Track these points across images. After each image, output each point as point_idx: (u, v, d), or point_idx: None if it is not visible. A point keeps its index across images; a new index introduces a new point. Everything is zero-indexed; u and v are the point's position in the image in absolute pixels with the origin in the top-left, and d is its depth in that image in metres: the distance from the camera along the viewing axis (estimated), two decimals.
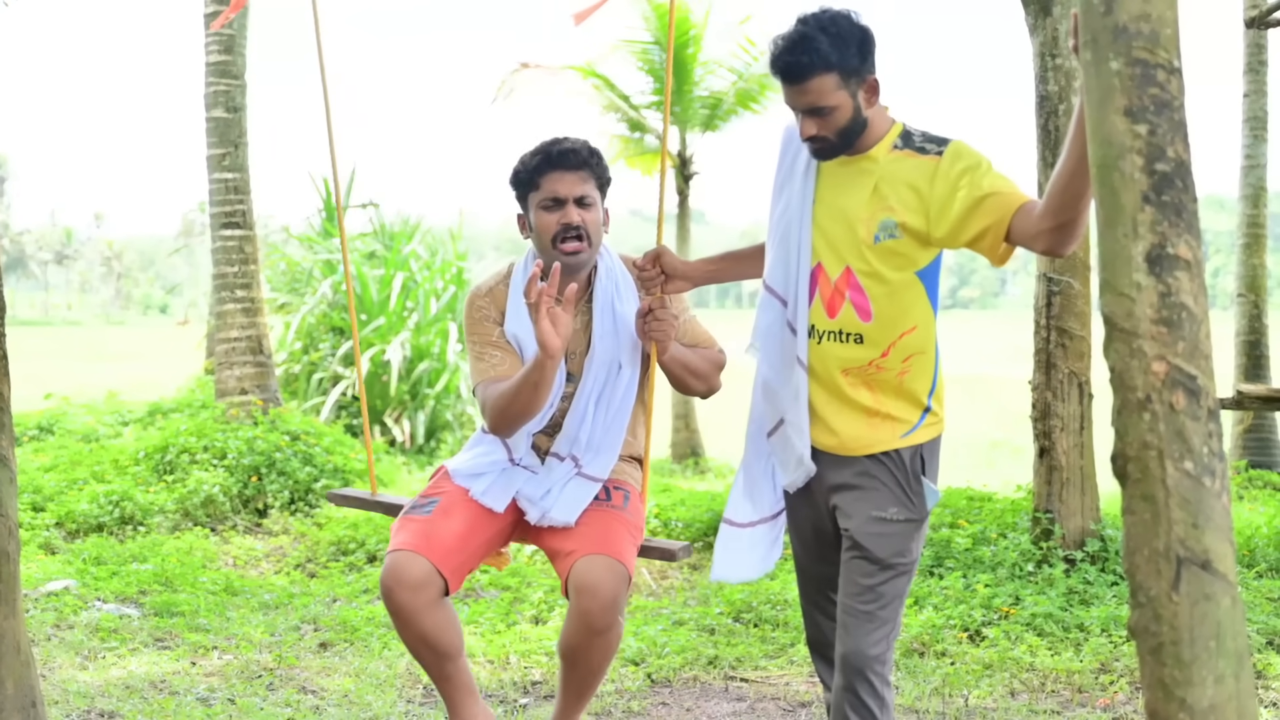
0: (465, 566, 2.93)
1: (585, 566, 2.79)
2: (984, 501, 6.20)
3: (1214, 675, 2.17)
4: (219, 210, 7.76)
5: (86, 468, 7.22)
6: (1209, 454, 2.20)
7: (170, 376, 14.75)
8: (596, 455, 3.03)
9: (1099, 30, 2.22)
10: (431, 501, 2.98)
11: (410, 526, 2.92)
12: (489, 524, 2.99)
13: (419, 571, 2.82)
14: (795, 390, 2.61)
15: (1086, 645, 4.22)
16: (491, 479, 3.02)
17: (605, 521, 2.92)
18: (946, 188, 2.48)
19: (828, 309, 2.56)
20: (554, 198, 2.93)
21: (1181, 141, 2.22)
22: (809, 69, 2.46)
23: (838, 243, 2.55)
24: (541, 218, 2.94)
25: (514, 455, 3.06)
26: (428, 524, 2.91)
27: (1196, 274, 2.22)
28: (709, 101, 11.74)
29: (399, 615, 2.85)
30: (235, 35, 7.74)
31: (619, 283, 3.04)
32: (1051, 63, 5.22)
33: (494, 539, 3.01)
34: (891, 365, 2.55)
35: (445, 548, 2.87)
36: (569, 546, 2.88)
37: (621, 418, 3.04)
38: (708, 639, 4.57)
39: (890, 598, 2.56)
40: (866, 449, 2.58)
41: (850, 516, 2.58)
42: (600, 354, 2.99)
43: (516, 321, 3.00)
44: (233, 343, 7.69)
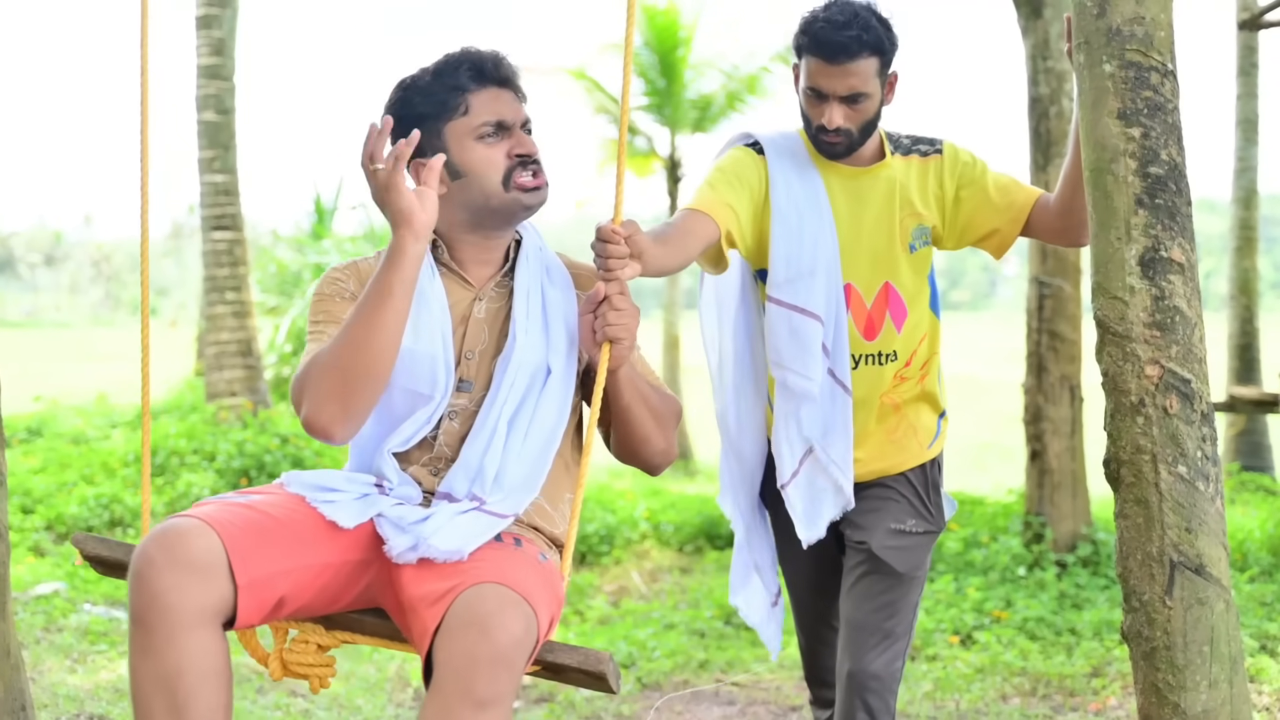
0: (271, 593, 1.80)
1: (474, 596, 1.73)
2: (975, 505, 6.20)
3: (1208, 680, 2.17)
4: (209, 213, 7.74)
5: (76, 470, 7.19)
6: (1203, 458, 2.20)
7: (160, 378, 14.69)
8: (509, 495, 1.99)
9: (1092, 33, 2.22)
10: (249, 495, 1.93)
11: (204, 507, 1.85)
12: (322, 546, 1.88)
13: (201, 551, 1.72)
14: (841, 419, 2.44)
15: (1078, 649, 4.22)
16: (347, 497, 1.95)
17: (507, 558, 1.87)
18: (954, 188, 2.47)
19: (865, 331, 2.44)
20: (498, 122, 2.04)
21: (1175, 144, 2.22)
22: (861, 48, 2.28)
23: (873, 259, 2.43)
24: (479, 153, 2.03)
25: (385, 485, 2.01)
26: (233, 507, 1.85)
27: (1190, 277, 2.22)
28: (698, 103, 11.75)
29: (147, 616, 1.70)
30: (225, 38, 7.72)
31: (548, 264, 2.15)
32: (1043, 65, 5.23)
33: (322, 574, 1.88)
34: (913, 374, 2.51)
35: (251, 545, 1.78)
36: (445, 584, 1.78)
37: (549, 447, 2.03)
38: (698, 642, 4.56)
39: (906, 612, 2.48)
40: (895, 469, 2.51)
41: (866, 530, 2.48)
42: (522, 352, 2.02)
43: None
44: (223, 345, 7.68)
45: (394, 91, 2.10)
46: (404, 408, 2.00)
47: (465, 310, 2.07)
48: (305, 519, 1.88)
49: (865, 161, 2.43)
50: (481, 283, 2.10)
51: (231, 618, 1.75)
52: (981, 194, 2.46)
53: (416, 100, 2.05)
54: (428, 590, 1.79)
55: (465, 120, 2.04)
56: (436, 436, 2.03)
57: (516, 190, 2.04)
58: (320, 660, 1.96)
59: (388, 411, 2.00)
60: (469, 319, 2.07)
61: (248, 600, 1.75)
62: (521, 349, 2.03)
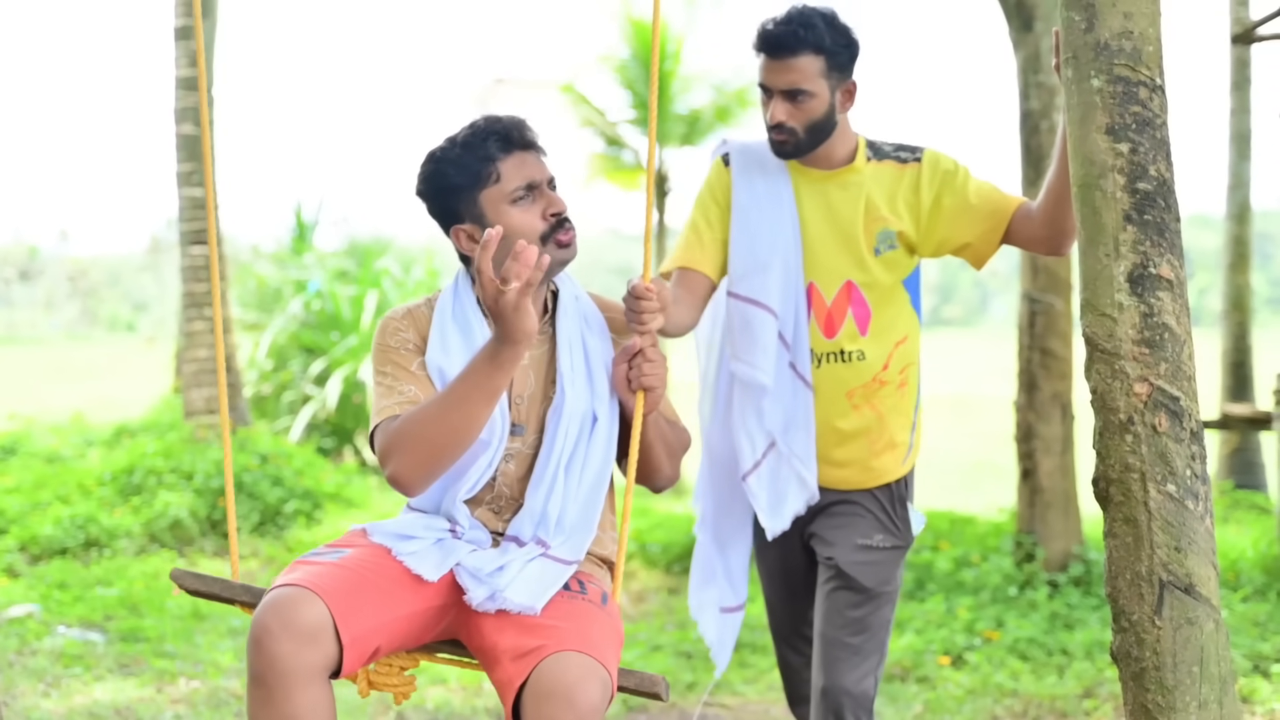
0: (370, 643, 2.02)
1: (559, 666, 1.92)
2: (966, 524, 6.18)
3: (1197, 701, 2.14)
4: (188, 227, 7.67)
5: (51, 490, 7.11)
6: (1192, 476, 2.17)
7: (137, 396, 14.59)
8: (570, 537, 2.21)
9: (1080, 47, 2.20)
10: (339, 550, 2.13)
11: (305, 568, 2.06)
12: (410, 597, 2.09)
13: (311, 619, 1.93)
14: (803, 413, 2.50)
15: (1070, 670, 4.19)
16: (425, 545, 2.16)
17: (581, 615, 2.07)
18: (932, 196, 2.48)
19: (825, 329, 2.51)
20: (528, 184, 2.21)
21: (1164, 160, 2.20)
22: (800, 44, 2.41)
23: (834, 259, 2.50)
24: (516, 217, 2.19)
25: (457, 528, 2.22)
26: (333, 569, 2.05)
27: (1179, 294, 2.20)
28: (687, 118, 11.74)
29: (266, 678, 1.92)
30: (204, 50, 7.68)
31: (587, 314, 2.32)
32: (1034, 79, 5.23)
33: (412, 621, 2.11)
34: (891, 378, 2.53)
35: (350, 604, 1.99)
36: (526, 644, 1.98)
37: (600, 487, 2.25)
38: (685, 664, 4.52)
39: (876, 628, 2.50)
40: (870, 482, 2.52)
41: (833, 545, 2.52)
42: (572, 402, 2.21)
43: (441, 351, 2.24)
44: (201, 362, 7.60)
45: (425, 165, 2.26)
46: (466, 455, 2.16)
47: None
48: (391, 572, 2.09)
49: (834, 165, 2.50)
50: None
51: (337, 670, 1.98)
52: (961, 202, 2.47)
53: (450, 172, 2.22)
54: (511, 645, 2.00)
55: (498, 187, 2.20)
56: (495, 479, 2.23)
57: (555, 247, 2.21)
58: (403, 680, 2.22)
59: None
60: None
61: (351, 655, 1.97)
62: (570, 400, 2.21)
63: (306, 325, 10.78)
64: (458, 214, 2.24)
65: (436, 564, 2.11)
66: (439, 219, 2.28)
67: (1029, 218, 2.46)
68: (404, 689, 2.22)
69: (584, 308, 2.32)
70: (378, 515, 6.94)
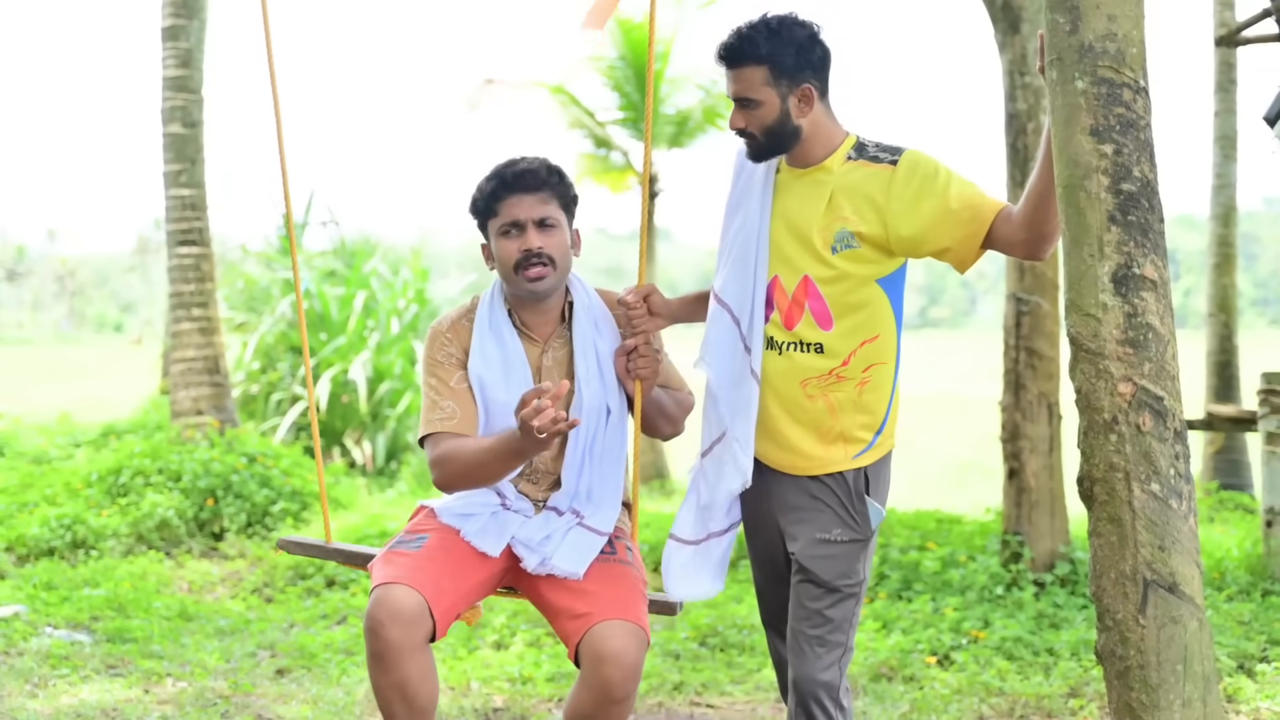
0: (454, 610, 2.63)
1: (605, 633, 2.51)
2: (953, 524, 6.19)
3: (1181, 699, 2.15)
4: (175, 227, 7.65)
5: (38, 490, 7.08)
6: (1176, 475, 2.19)
7: (124, 396, 14.54)
8: (599, 508, 2.77)
9: (1064, 49, 2.21)
10: (420, 537, 2.71)
11: (399, 560, 2.63)
12: (480, 569, 2.70)
13: (412, 607, 2.52)
14: (746, 402, 2.59)
15: (1056, 669, 4.19)
16: (483, 520, 2.74)
17: (617, 580, 2.66)
18: (907, 199, 2.49)
19: (785, 321, 2.56)
20: (513, 222, 2.71)
21: (1148, 161, 2.21)
22: (740, 57, 2.53)
23: (794, 254, 2.56)
24: (502, 245, 2.73)
25: (506, 501, 2.79)
26: (419, 559, 2.63)
27: (1163, 294, 2.21)
28: (676, 119, 11.72)
29: (384, 656, 2.51)
30: (192, 50, 7.64)
31: (598, 319, 2.81)
32: (1020, 80, 5.22)
33: (482, 585, 2.73)
34: (852, 374, 2.54)
35: (438, 586, 2.58)
36: (579, 608, 2.60)
37: (619, 465, 2.81)
38: (673, 664, 4.52)
39: (839, 621, 2.55)
40: (819, 469, 2.57)
41: (795, 539, 2.59)
42: (589, 399, 2.74)
43: (483, 360, 2.75)
44: (189, 362, 7.57)
45: (477, 187, 2.80)
46: None
47: (537, 360, 2.79)
48: (462, 550, 2.68)
49: (809, 163, 2.58)
50: (545, 337, 2.80)
51: (433, 633, 2.56)
52: (941, 205, 2.47)
53: (479, 201, 2.78)
54: (566, 606, 2.62)
55: (496, 220, 2.75)
56: (533, 460, 2.77)
57: (523, 278, 2.72)
58: (474, 612, 2.87)
59: None
60: (541, 367, 2.78)
61: (441, 621, 2.57)
62: (588, 397, 2.74)
63: (295, 325, 10.75)
64: (483, 233, 2.82)
65: (496, 540, 2.70)
66: (479, 230, 2.84)
67: (1008, 221, 2.47)
68: (474, 617, 2.87)
69: (595, 313, 2.81)
70: (366, 516, 6.92)
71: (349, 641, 4.83)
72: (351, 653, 4.72)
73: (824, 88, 2.57)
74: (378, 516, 6.84)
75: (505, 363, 2.74)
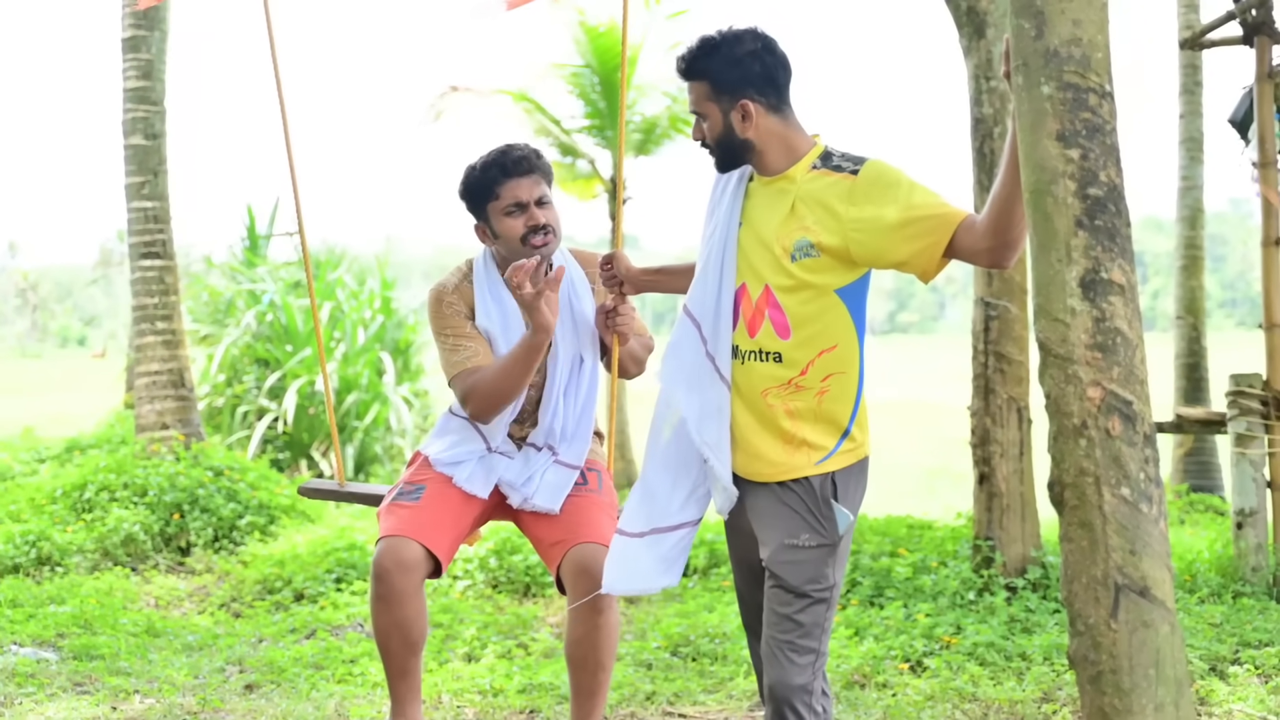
0: (453, 548, 3.18)
1: (577, 554, 3.05)
2: (924, 529, 6.18)
3: (1154, 703, 2.16)
4: (138, 240, 7.57)
5: (1, 507, 6.99)
6: (1146, 480, 2.19)
7: (89, 410, 14.38)
8: (571, 444, 3.28)
9: (1030, 55, 2.22)
10: (418, 488, 3.21)
11: (400, 513, 3.14)
12: (472, 508, 3.23)
13: (413, 555, 3.05)
14: (717, 408, 2.61)
15: (1029, 674, 4.20)
16: (472, 466, 3.24)
17: (586, 509, 3.18)
18: (868, 209, 2.48)
19: (749, 328, 2.59)
20: (516, 203, 3.18)
21: (1114, 165, 2.22)
22: (686, 72, 2.63)
23: (757, 262, 2.58)
24: (507, 224, 3.19)
25: (490, 443, 3.28)
26: (418, 510, 3.14)
27: (1131, 299, 2.22)
28: (642, 126, 11.71)
29: (388, 598, 3.04)
30: (154, 60, 7.57)
31: (574, 280, 3.30)
32: (986, 85, 5.23)
33: (476, 521, 3.27)
34: (810, 384, 2.55)
35: (436, 532, 3.11)
36: (556, 536, 3.14)
37: (590, 407, 3.31)
38: (645, 674, 4.49)
39: (810, 626, 2.55)
40: (783, 475, 2.58)
41: (765, 545, 2.60)
42: (564, 350, 3.25)
43: (487, 316, 3.24)
44: (153, 376, 7.49)
45: (465, 173, 3.25)
46: None
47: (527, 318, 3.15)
48: (455, 495, 3.22)
49: (771, 173, 2.61)
50: None
51: (436, 570, 3.12)
52: (900, 216, 2.47)
53: (474, 187, 3.23)
54: (543, 535, 3.20)
55: (497, 203, 3.21)
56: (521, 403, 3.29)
57: (530, 247, 3.19)
58: (474, 537, 3.48)
59: None
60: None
61: (445, 560, 3.13)
62: (562, 350, 3.26)
63: (260, 337, 10.66)
64: (478, 215, 3.26)
65: (483, 483, 3.23)
66: (471, 214, 3.28)
67: (971, 230, 2.46)
68: (474, 540, 3.47)
69: (572, 274, 3.30)
70: (334, 530, 6.86)
71: (318, 656, 4.78)
72: (321, 667, 4.67)
73: (773, 101, 2.58)
74: (346, 529, 6.79)
75: (504, 318, 3.23)
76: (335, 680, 4.50)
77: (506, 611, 5.55)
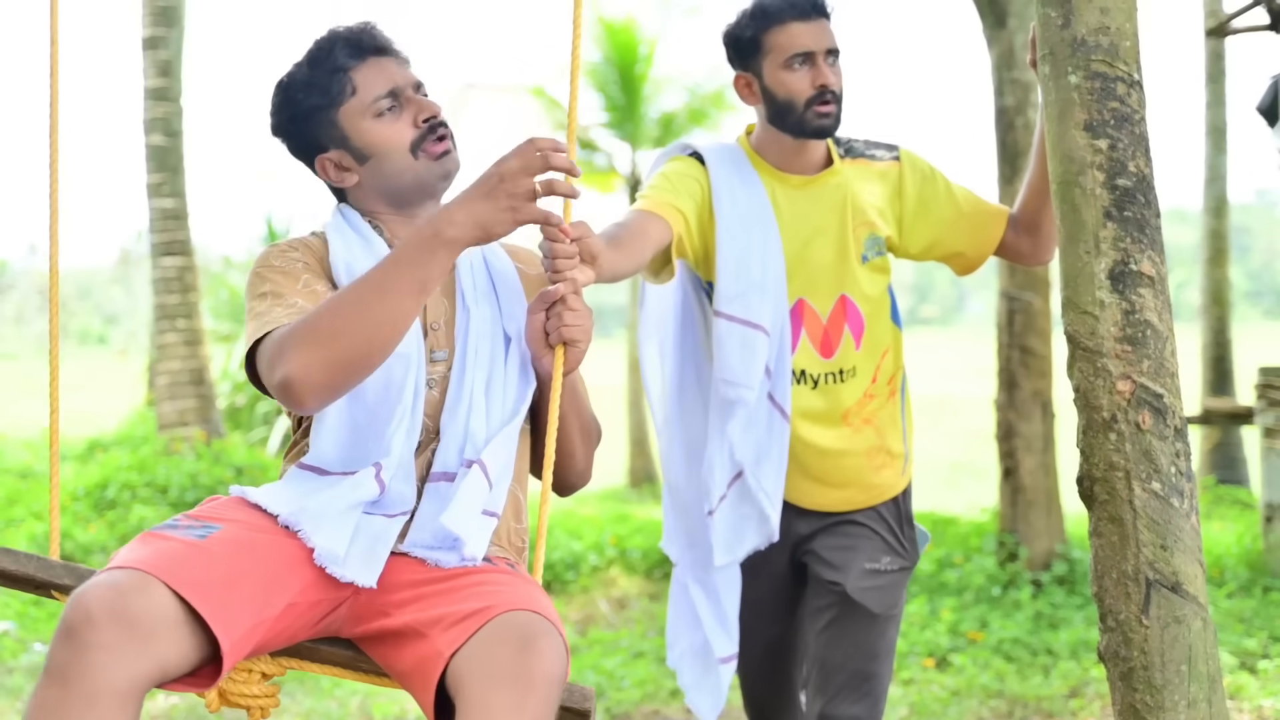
0: (249, 640, 1.59)
1: (512, 621, 1.59)
2: (948, 524, 6.15)
3: (1186, 700, 2.12)
4: (158, 238, 7.60)
5: (24, 506, 7.03)
6: (1177, 473, 2.15)
7: (110, 409, 14.45)
8: (495, 454, 1.83)
9: (1057, 44, 2.18)
10: (207, 525, 1.67)
11: (162, 546, 1.58)
12: (294, 582, 1.66)
13: (149, 611, 1.48)
14: (778, 445, 2.32)
15: (1055, 669, 4.16)
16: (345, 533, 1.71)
17: (518, 582, 1.73)
18: (924, 196, 2.38)
19: (821, 349, 2.34)
20: (391, 92, 1.91)
21: (1143, 156, 2.18)
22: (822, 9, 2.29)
23: (825, 272, 2.33)
24: (381, 131, 1.90)
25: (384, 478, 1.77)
26: (197, 551, 1.59)
27: (1161, 290, 2.18)
28: (660, 120, 11.69)
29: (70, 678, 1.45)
30: (172, 60, 7.60)
31: (498, 253, 2.04)
32: (1008, 75, 5.19)
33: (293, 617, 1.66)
34: (880, 390, 2.40)
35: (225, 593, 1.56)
36: (470, 606, 1.62)
37: (517, 420, 1.88)
38: (668, 671, 4.48)
39: (884, 652, 2.38)
40: (875, 500, 2.39)
41: (839, 569, 2.36)
42: (478, 320, 1.91)
43: (347, 269, 1.87)
44: (174, 374, 7.52)
45: (274, 94, 1.96)
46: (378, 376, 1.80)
47: None
48: (272, 555, 1.65)
49: (813, 169, 2.34)
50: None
51: (215, 666, 1.56)
52: (952, 208, 2.39)
53: (300, 96, 1.92)
54: (440, 614, 1.62)
55: (356, 100, 1.91)
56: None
57: (425, 158, 1.90)
58: (264, 691, 1.73)
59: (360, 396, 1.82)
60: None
61: (229, 659, 1.54)
62: (476, 318, 1.91)
63: None
64: (319, 141, 1.93)
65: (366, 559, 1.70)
66: (301, 154, 1.97)
67: (1015, 228, 2.39)
68: (265, 703, 1.74)
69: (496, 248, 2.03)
70: None
71: None
72: None
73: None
74: None
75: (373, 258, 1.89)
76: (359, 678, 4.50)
77: None
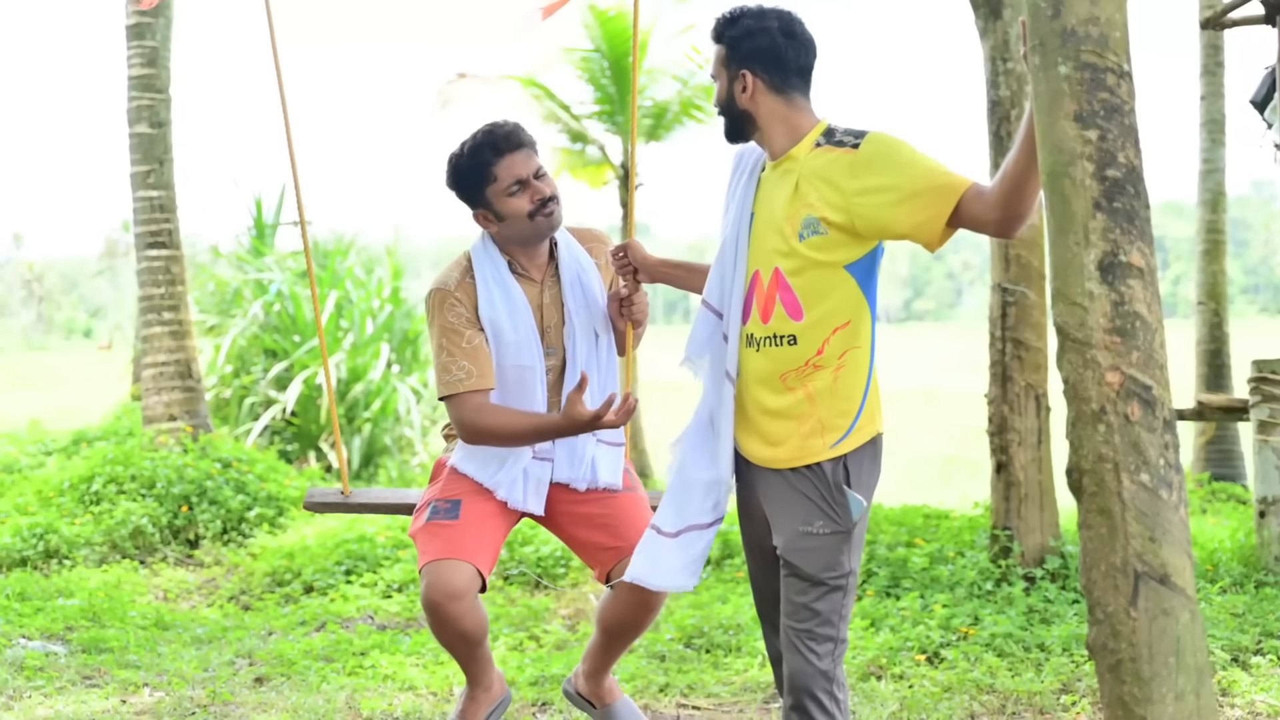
0: (495, 560, 3.11)
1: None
2: (940, 519, 6.12)
3: (1174, 692, 2.12)
4: (144, 229, 7.55)
5: (9, 500, 6.99)
6: (1165, 465, 2.15)
7: (95, 403, 14.41)
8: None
9: (1047, 34, 2.17)
10: (454, 503, 3.10)
11: (441, 534, 3.04)
12: (510, 518, 3.17)
13: (462, 581, 2.96)
14: (724, 401, 2.65)
15: (1047, 665, 4.15)
16: (519, 484, 3.15)
17: (628, 510, 3.15)
18: (870, 181, 2.47)
19: (762, 315, 2.59)
20: (517, 180, 3.05)
21: (1133, 146, 2.17)
22: (712, 36, 2.67)
23: (769, 247, 2.58)
24: (511, 204, 3.07)
25: (535, 450, 3.16)
26: (459, 530, 3.05)
27: (1150, 282, 2.17)
28: (652, 111, 11.62)
29: (444, 624, 3.00)
30: (158, 48, 7.54)
31: (578, 255, 3.21)
32: (1002, 67, 5.17)
33: (511, 528, 3.23)
34: (827, 362, 2.55)
35: (480, 549, 3.03)
36: (603, 541, 3.12)
37: (611, 384, 3.20)
38: (658, 665, 4.47)
39: (827, 614, 2.54)
40: (796, 460, 2.57)
41: (779, 533, 2.59)
42: (580, 325, 3.15)
43: (490, 305, 3.08)
44: (160, 367, 7.48)
45: (448, 162, 3.13)
46: (515, 380, 3.11)
47: (537, 299, 3.15)
48: (492, 507, 3.12)
49: (777, 155, 2.62)
50: (540, 277, 3.17)
51: (483, 586, 3.04)
52: (903, 187, 2.45)
53: (460, 175, 3.10)
54: (590, 538, 3.15)
55: (495, 185, 3.07)
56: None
57: (540, 219, 3.09)
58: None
59: (503, 387, 3.11)
60: (541, 305, 3.15)
61: (488, 575, 3.04)
62: (579, 325, 3.16)
63: (267, 328, 10.63)
64: (474, 202, 3.13)
65: (537, 497, 3.16)
66: (464, 203, 3.15)
67: (979, 199, 2.44)
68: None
69: (576, 252, 3.21)
70: (344, 522, 6.82)
71: (328, 648, 4.76)
72: (331, 659, 4.65)
73: (775, 81, 2.59)
74: (355, 521, 6.76)
75: (510, 305, 3.09)
76: (346, 673, 4.48)
77: (518, 603, 5.53)
